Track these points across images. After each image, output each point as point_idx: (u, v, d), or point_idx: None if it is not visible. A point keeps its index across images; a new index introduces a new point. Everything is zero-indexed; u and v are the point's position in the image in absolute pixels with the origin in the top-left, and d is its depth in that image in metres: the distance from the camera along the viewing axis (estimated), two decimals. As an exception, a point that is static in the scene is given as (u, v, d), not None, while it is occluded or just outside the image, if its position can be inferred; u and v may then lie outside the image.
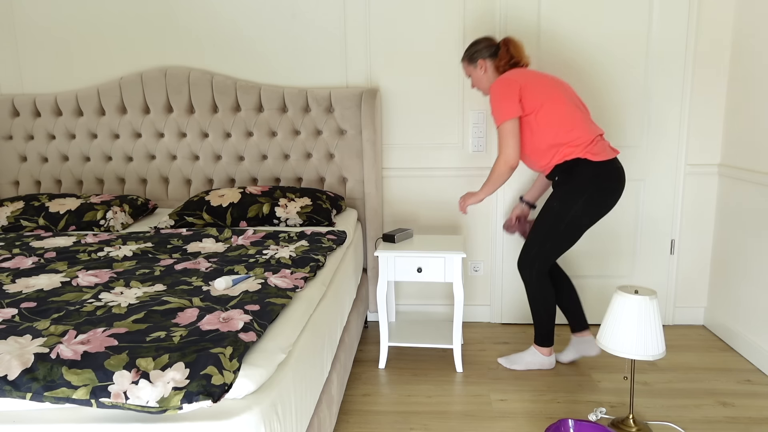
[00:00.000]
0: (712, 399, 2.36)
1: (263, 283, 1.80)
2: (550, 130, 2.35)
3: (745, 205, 2.74)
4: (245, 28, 3.05)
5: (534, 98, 2.35)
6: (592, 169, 2.33)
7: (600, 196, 2.35)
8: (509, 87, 2.36)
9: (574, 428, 1.90)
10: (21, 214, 2.72)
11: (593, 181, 2.33)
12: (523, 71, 2.43)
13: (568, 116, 2.35)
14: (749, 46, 2.71)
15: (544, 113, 2.35)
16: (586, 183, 2.33)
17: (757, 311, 2.65)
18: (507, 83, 2.38)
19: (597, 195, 2.34)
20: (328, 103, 2.99)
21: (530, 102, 2.35)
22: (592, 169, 2.33)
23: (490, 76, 2.52)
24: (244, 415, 1.20)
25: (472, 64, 2.54)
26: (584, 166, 2.33)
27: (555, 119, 2.35)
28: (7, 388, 1.20)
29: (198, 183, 3.14)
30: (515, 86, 2.36)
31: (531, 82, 2.38)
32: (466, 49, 2.58)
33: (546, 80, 2.41)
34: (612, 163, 2.36)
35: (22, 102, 3.14)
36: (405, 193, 3.15)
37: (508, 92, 2.36)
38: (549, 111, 2.35)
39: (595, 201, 2.34)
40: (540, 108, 2.35)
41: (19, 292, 1.75)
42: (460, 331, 2.62)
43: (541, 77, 2.41)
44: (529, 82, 2.38)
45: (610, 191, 2.36)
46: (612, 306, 2.05)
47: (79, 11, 3.10)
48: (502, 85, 2.38)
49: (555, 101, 2.36)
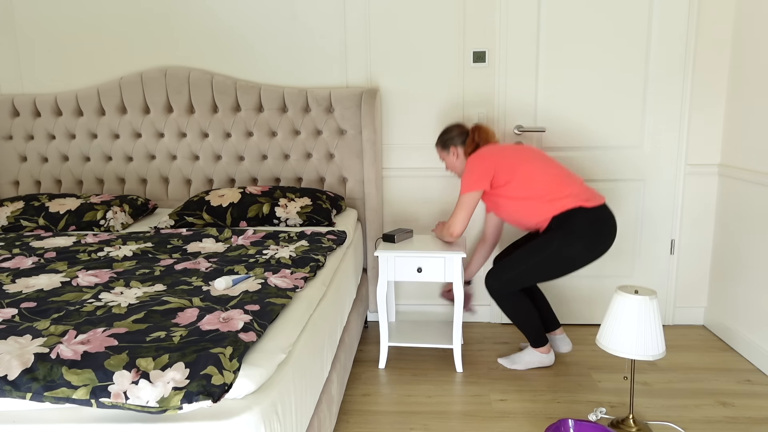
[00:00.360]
0: (712, 399, 2.36)
1: (263, 283, 1.80)
2: (540, 188, 2.43)
3: (745, 205, 2.74)
4: (245, 28, 3.05)
5: (511, 167, 2.45)
6: (589, 216, 2.39)
7: (598, 242, 2.41)
8: (483, 162, 2.48)
9: (574, 428, 1.90)
10: (21, 214, 2.72)
11: (592, 227, 2.39)
12: (497, 146, 2.55)
13: (554, 174, 2.46)
14: (749, 46, 2.71)
15: (528, 177, 2.44)
16: (586, 229, 2.38)
17: (757, 311, 2.65)
18: (482, 159, 2.49)
19: (596, 240, 2.40)
20: (328, 103, 2.99)
21: (507, 171, 2.45)
22: (589, 215, 2.39)
23: (462, 161, 2.66)
24: (244, 415, 1.20)
25: (445, 150, 2.68)
26: (581, 214, 2.39)
27: (542, 178, 2.44)
28: (7, 388, 1.20)
29: (198, 183, 3.14)
30: (490, 162, 2.47)
31: (506, 153, 2.49)
32: (439, 135, 2.70)
33: (520, 149, 2.53)
34: (605, 209, 2.45)
35: (22, 102, 3.14)
36: (405, 193, 3.15)
37: (481, 167, 2.47)
38: (533, 172, 2.44)
39: (593, 246, 2.41)
40: (522, 173, 2.44)
41: (19, 292, 1.75)
42: (460, 331, 2.62)
43: (514, 147, 2.54)
44: (504, 154, 2.49)
45: (606, 236, 2.42)
46: (612, 306, 2.05)
47: (80, 11, 3.10)
48: (478, 160, 2.50)
49: (535, 163, 2.47)
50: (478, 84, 3.00)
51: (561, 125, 3.00)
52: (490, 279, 2.51)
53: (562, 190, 2.42)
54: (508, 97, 3.00)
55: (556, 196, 2.41)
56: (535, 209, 2.44)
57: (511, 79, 2.98)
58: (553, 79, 2.97)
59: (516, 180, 2.43)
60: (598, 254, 2.44)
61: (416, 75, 3.03)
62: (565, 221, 2.40)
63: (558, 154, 3.03)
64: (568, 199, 2.40)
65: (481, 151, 2.53)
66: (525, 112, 3.01)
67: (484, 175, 2.46)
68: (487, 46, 2.97)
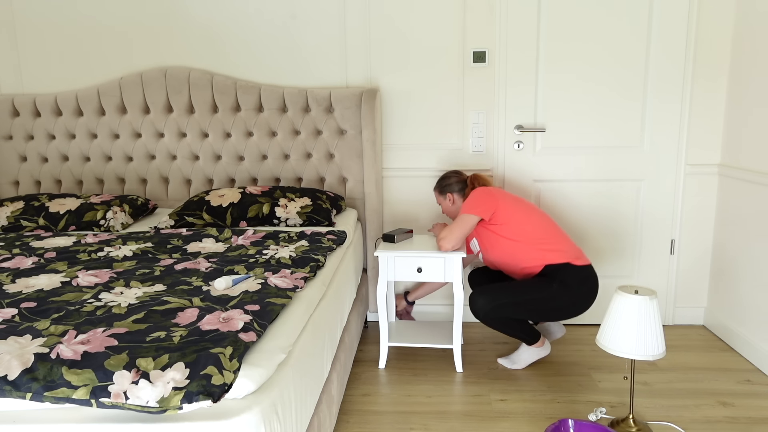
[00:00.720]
0: (712, 399, 2.36)
1: (263, 283, 1.80)
2: (534, 236, 2.48)
3: (745, 205, 2.74)
4: (245, 28, 3.05)
5: (510, 211, 2.51)
6: (579, 274, 2.45)
7: (583, 301, 2.47)
8: (489, 196, 2.54)
9: (574, 428, 1.90)
10: (21, 214, 2.72)
11: (581, 286, 2.45)
12: (500, 189, 2.63)
13: (547, 226, 2.52)
14: (749, 46, 2.71)
15: (523, 223, 2.49)
16: (577, 285, 2.43)
17: (757, 311, 2.65)
18: (489, 193, 2.55)
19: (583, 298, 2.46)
20: (328, 103, 2.99)
21: (506, 212, 2.50)
22: (579, 273, 2.45)
23: (458, 206, 2.73)
24: (244, 415, 1.20)
25: (442, 195, 2.76)
26: (571, 271, 2.44)
27: (537, 228, 2.49)
28: (7, 388, 1.20)
29: (198, 183, 3.14)
30: (494, 198, 2.53)
31: (507, 198, 2.56)
32: (438, 180, 2.78)
33: (520, 199, 2.60)
34: (592, 269, 2.50)
35: (22, 102, 3.14)
36: (405, 193, 3.15)
37: (487, 200, 2.52)
38: (529, 221, 2.50)
39: (580, 303, 2.46)
40: (518, 218, 2.49)
41: (19, 292, 1.75)
42: (460, 331, 2.62)
43: (515, 196, 2.61)
44: (506, 198, 2.56)
45: (592, 297, 2.48)
46: (612, 306, 2.05)
47: (79, 11, 3.10)
48: (485, 193, 2.56)
49: (531, 214, 2.54)
50: (478, 84, 3.00)
51: (561, 125, 3.00)
52: (481, 300, 2.43)
53: (555, 243, 2.49)
54: (508, 97, 3.00)
55: (549, 247, 2.47)
56: (527, 254, 2.48)
57: (511, 79, 2.98)
58: (553, 79, 2.97)
59: (512, 223, 2.49)
60: (578, 312, 2.49)
61: (416, 75, 3.03)
62: (558, 272, 2.44)
63: (558, 153, 3.03)
64: (559, 253, 2.46)
65: (488, 187, 2.60)
66: (525, 112, 3.01)
67: (488, 207, 2.50)
68: (487, 46, 2.97)
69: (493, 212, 2.51)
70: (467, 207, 2.52)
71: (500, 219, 2.51)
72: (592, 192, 3.05)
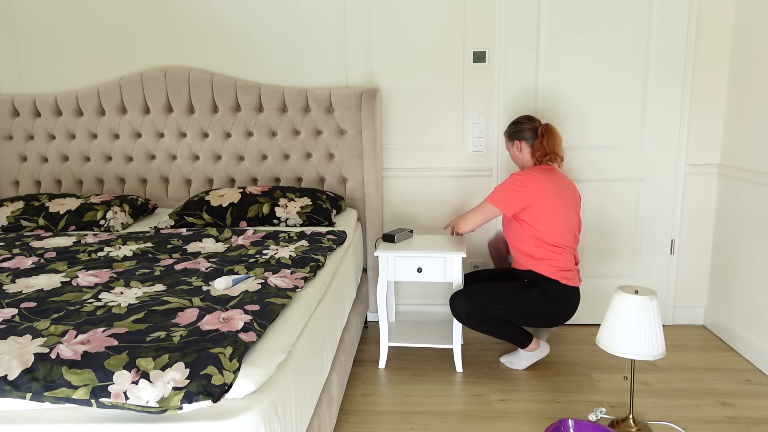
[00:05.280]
0: (712, 399, 2.36)
1: (263, 283, 1.80)
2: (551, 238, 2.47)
3: (745, 205, 2.74)
4: (245, 28, 3.05)
5: (539, 211, 2.45)
6: (562, 290, 2.46)
7: (558, 316, 2.50)
8: (522, 191, 2.46)
9: (574, 428, 1.90)
10: (21, 214, 2.72)
11: (560, 301, 2.47)
12: (548, 179, 2.48)
13: (567, 237, 2.49)
14: (749, 47, 2.71)
15: (545, 229, 2.47)
16: (555, 299, 2.47)
17: (757, 311, 2.65)
18: (523, 187, 2.46)
19: (558, 314, 2.49)
20: (328, 103, 2.99)
21: (533, 213, 2.47)
22: (562, 290, 2.46)
23: (525, 157, 2.61)
24: (244, 415, 1.20)
25: (510, 141, 2.64)
26: (555, 285, 2.46)
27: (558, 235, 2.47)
28: (7, 388, 1.20)
29: (198, 183, 3.14)
30: (524, 197, 2.45)
31: (545, 190, 2.45)
32: (509, 125, 2.66)
33: (557, 200, 2.47)
34: (578, 291, 2.52)
35: (22, 102, 3.14)
36: (405, 193, 3.15)
37: (515, 196, 2.46)
38: (553, 225, 2.46)
39: (553, 315, 2.49)
40: (543, 224, 2.46)
41: (19, 292, 1.75)
42: (460, 331, 2.62)
43: (554, 194, 2.47)
44: (542, 190, 2.45)
45: (567, 313, 2.51)
46: (612, 306, 2.05)
47: (79, 11, 3.10)
48: (519, 186, 2.47)
49: (557, 219, 2.46)
50: (478, 84, 3.00)
51: (561, 125, 3.00)
52: (460, 300, 2.44)
53: (558, 256, 2.46)
54: (508, 97, 3.00)
55: (553, 255, 2.46)
56: (534, 249, 2.49)
57: (511, 79, 2.98)
58: (553, 79, 2.97)
59: (534, 224, 2.47)
60: (551, 323, 2.53)
61: (416, 75, 3.03)
62: (543, 282, 2.47)
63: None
64: (554, 269, 2.45)
65: (531, 176, 2.48)
66: (525, 112, 3.00)
67: (514, 205, 2.46)
68: (487, 46, 2.97)
69: (519, 209, 2.47)
70: (494, 196, 2.50)
71: (524, 215, 2.49)
72: (592, 192, 3.05)
